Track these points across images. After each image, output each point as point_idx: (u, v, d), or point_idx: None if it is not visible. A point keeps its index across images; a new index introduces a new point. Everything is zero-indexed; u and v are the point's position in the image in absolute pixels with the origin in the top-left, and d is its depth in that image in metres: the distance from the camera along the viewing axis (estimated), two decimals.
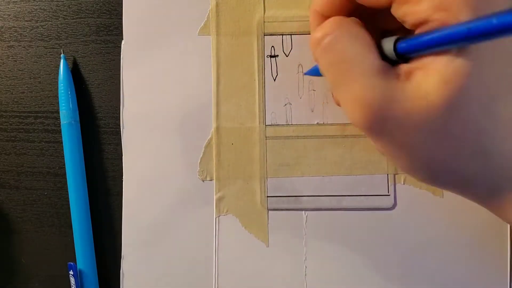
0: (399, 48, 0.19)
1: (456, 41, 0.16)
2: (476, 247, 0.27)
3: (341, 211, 0.28)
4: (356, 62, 0.19)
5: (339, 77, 0.20)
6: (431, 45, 0.18)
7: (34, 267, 0.30)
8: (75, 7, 0.29)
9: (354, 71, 0.19)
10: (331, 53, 0.20)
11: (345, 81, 0.20)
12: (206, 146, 0.28)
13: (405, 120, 0.19)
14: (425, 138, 0.19)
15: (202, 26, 0.28)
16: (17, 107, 0.30)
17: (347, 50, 0.19)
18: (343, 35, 0.20)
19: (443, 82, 0.18)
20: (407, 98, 0.18)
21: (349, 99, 0.20)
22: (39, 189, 0.30)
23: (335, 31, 0.20)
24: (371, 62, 0.19)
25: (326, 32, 0.20)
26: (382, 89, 0.19)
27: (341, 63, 0.20)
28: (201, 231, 0.28)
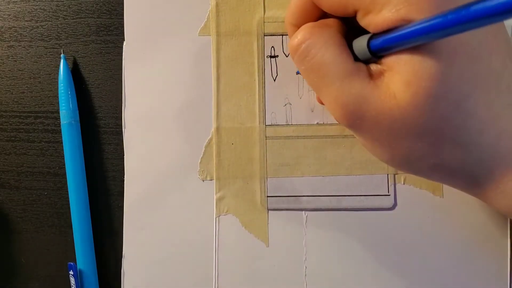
0: (372, 46, 0.19)
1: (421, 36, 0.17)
2: (476, 247, 0.27)
3: (341, 211, 0.28)
4: (329, 66, 0.20)
5: (316, 81, 0.21)
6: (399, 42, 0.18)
7: (34, 267, 0.30)
8: (75, 7, 0.29)
9: (329, 75, 0.20)
10: (307, 59, 0.21)
11: (322, 85, 0.21)
12: (206, 146, 0.28)
13: (378, 118, 0.19)
14: (400, 134, 0.19)
15: (202, 26, 0.28)
16: (17, 107, 0.30)
17: (320, 56, 0.20)
18: (316, 42, 0.20)
19: (405, 84, 0.18)
20: (379, 98, 0.19)
21: (327, 99, 0.21)
22: (39, 189, 0.30)
23: (308, 38, 0.21)
24: (344, 64, 0.20)
25: (300, 40, 0.21)
26: (355, 90, 0.20)
27: (316, 69, 0.20)
28: (201, 230, 0.28)
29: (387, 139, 0.20)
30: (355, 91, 0.20)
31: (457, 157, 0.20)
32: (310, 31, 0.21)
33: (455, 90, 0.18)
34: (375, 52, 0.19)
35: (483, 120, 0.19)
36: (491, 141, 0.19)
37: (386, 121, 0.19)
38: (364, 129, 0.20)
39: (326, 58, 0.20)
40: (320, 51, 0.20)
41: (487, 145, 0.19)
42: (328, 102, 0.21)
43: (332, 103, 0.20)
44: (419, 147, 0.20)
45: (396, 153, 0.21)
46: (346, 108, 0.20)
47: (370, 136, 0.21)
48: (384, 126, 0.19)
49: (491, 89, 0.19)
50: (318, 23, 0.21)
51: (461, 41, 0.18)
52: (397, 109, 0.19)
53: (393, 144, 0.20)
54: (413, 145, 0.20)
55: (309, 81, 0.22)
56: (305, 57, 0.21)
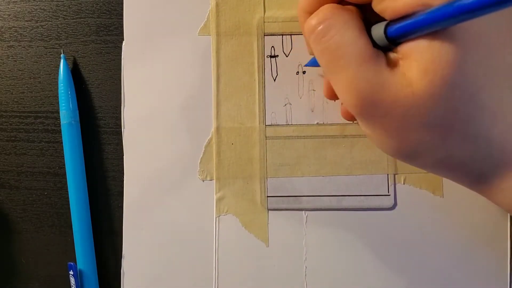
0: (389, 32, 0.19)
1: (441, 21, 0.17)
2: (476, 247, 0.27)
3: (341, 211, 0.28)
4: (348, 49, 0.20)
5: (332, 63, 0.20)
6: (417, 28, 0.18)
7: (34, 267, 0.30)
8: (75, 7, 0.29)
9: (346, 58, 0.20)
10: (325, 40, 0.20)
11: (337, 67, 0.20)
12: (206, 146, 0.28)
13: (393, 106, 0.19)
14: (412, 124, 0.19)
15: (202, 26, 0.28)
16: (17, 107, 0.30)
17: (339, 37, 0.20)
18: (336, 22, 0.20)
19: (423, 72, 0.18)
20: (395, 85, 0.19)
21: (342, 84, 0.20)
22: (39, 189, 0.30)
23: (328, 18, 0.20)
24: (362, 49, 0.20)
25: (320, 19, 0.20)
26: (372, 75, 0.19)
27: (334, 50, 0.20)
28: (201, 230, 0.28)
29: (397, 129, 0.20)
30: (371, 77, 0.19)
31: (465, 150, 0.20)
32: (331, 11, 0.20)
33: (471, 80, 0.18)
34: (392, 39, 0.19)
35: (493, 114, 0.19)
36: (500, 136, 0.19)
37: (399, 110, 0.19)
38: (375, 118, 0.20)
39: (346, 40, 0.20)
40: (340, 31, 0.20)
41: (496, 139, 0.19)
42: (342, 86, 0.20)
43: (346, 87, 0.20)
44: (429, 139, 0.20)
45: (405, 144, 0.20)
46: (360, 93, 0.19)
47: (380, 126, 0.20)
48: (396, 115, 0.19)
49: (504, 83, 0.19)
50: (338, 6, 0.21)
51: (478, 32, 0.18)
52: (412, 98, 0.18)
53: (403, 134, 0.20)
54: (423, 137, 0.19)
55: (323, 63, 0.21)
56: (323, 37, 0.20)
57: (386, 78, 0.19)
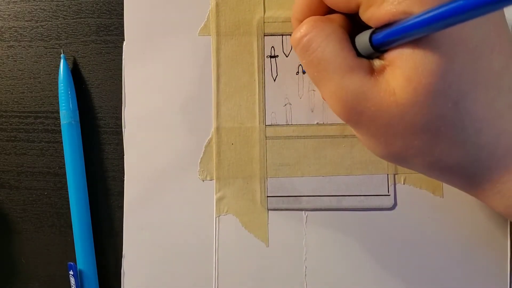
0: (374, 40, 0.20)
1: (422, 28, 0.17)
2: (476, 247, 0.27)
3: (341, 211, 0.28)
4: (330, 60, 0.20)
5: (317, 75, 0.21)
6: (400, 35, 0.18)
7: (34, 267, 0.30)
8: (75, 7, 0.29)
9: (329, 70, 0.20)
10: (308, 53, 0.21)
11: (323, 79, 0.21)
12: (206, 146, 0.28)
13: (377, 114, 0.19)
14: (397, 131, 0.20)
15: (202, 26, 0.28)
16: (17, 107, 0.30)
17: (321, 49, 0.20)
18: (317, 35, 0.21)
19: (406, 80, 0.18)
20: (378, 94, 0.19)
21: (328, 94, 0.21)
22: (39, 189, 0.30)
23: (310, 32, 0.21)
24: (344, 60, 0.20)
25: (302, 33, 0.21)
26: (355, 85, 0.20)
27: (317, 62, 0.21)
28: (201, 230, 0.28)
29: (383, 136, 0.20)
30: (354, 86, 0.20)
31: (453, 155, 0.20)
32: (312, 25, 0.21)
33: (454, 87, 0.18)
34: (377, 46, 0.19)
35: (481, 120, 0.19)
36: (489, 141, 0.19)
37: (384, 118, 0.19)
38: (362, 125, 0.21)
39: (327, 53, 0.20)
40: (321, 45, 0.20)
41: (485, 144, 0.19)
42: (328, 97, 0.21)
43: (332, 97, 0.21)
44: (415, 145, 0.20)
45: (392, 149, 0.21)
46: (345, 103, 0.20)
47: (367, 132, 0.21)
48: (381, 122, 0.20)
49: (491, 88, 0.19)
50: (321, 18, 0.21)
51: (462, 38, 0.18)
52: (396, 106, 0.19)
53: (390, 140, 0.20)
54: (410, 143, 0.20)
55: (310, 75, 0.22)
56: (307, 51, 0.21)
57: (370, 87, 0.19)
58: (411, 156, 0.21)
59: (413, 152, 0.20)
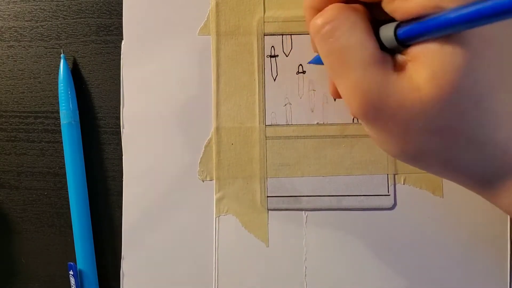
0: (399, 34, 0.19)
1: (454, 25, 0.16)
2: (476, 247, 0.27)
3: (341, 211, 0.28)
4: (354, 50, 0.19)
5: (338, 65, 0.20)
6: (429, 30, 0.17)
7: (34, 267, 0.30)
8: (75, 7, 0.29)
9: (352, 60, 0.19)
10: (331, 41, 0.20)
11: (343, 69, 0.20)
12: (206, 146, 0.28)
13: (399, 110, 0.19)
14: (417, 128, 0.19)
15: (202, 26, 0.28)
16: (17, 107, 0.30)
17: (346, 38, 0.19)
18: (342, 23, 0.20)
19: (431, 76, 0.18)
20: (401, 90, 0.19)
21: (346, 86, 0.20)
22: (39, 189, 0.30)
23: (335, 19, 0.20)
24: (369, 51, 0.19)
25: (326, 19, 0.20)
26: (378, 79, 0.19)
27: (340, 51, 0.20)
28: (201, 231, 0.28)
29: (402, 133, 0.20)
30: (377, 80, 0.19)
31: (470, 153, 0.19)
32: (338, 11, 0.20)
33: (479, 85, 0.18)
34: (402, 40, 0.19)
35: (499, 117, 0.19)
36: (504, 139, 0.19)
37: (405, 114, 0.19)
38: (379, 121, 0.20)
39: (352, 42, 0.19)
40: (346, 33, 0.19)
41: (501, 143, 0.19)
42: (346, 89, 0.20)
43: (351, 90, 0.20)
44: (433, 142, 0.19)
45: (409, 147, 0.20)
46: (365, 97, 0.19)
47: (384, 128, 0.20)
48: (402, 119, 0.19)
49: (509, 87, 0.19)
50: (345, 5, 0.20)
51: (490, 36, 0.18)
52: (419, 102, 0.18)
53: (408, 137, 0.20)
54: (428, 140, 0.19)
55: (328, 64, 0.21)
56: (329, 38, 0.20)
57: (393, 82, 0.19)
58: (427, 155, 0.20)
59: (430, 150, 0.20)
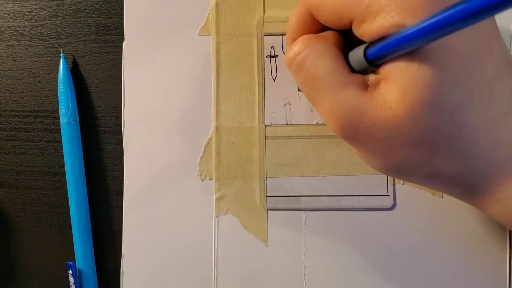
0: (368, 54, 0.20)
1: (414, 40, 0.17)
2: (475, 247, 0.27)
3: (340, 211, 0.28)
4: (324, 78, 0.20)
5: (312, 92, 0.21)
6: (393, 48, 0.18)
7: (33, 266, 0.30)
8: (75, 7, 0.29)
9: (324, 87, 0.20)
10: (302, 71, 0.21)
11: (317, 96, 0.21)
12: (206, 146, 0.28)
13: (373, 129, 0.19)
14: (395, 144, 0.20)
15: (202, 26, 0.28)
16: (17, 106, 0.30)
17: (315, 67, 0.21)
18: (310, 53, 0.21)
19: (402, 93, 0.18)
20: (375, 109, 0.19)
21: (323, 111, 0.21)
22: (39, 189, 0.30)
23: (303, 50, 0.21)
24: (338, 76, 0.20)
25: (295, 51, 0.21)
26: (349, 102, 0.20)
27: (312, 80, 0.21)
28: (201, 230, 0.28)
29: (381, 150, 0.20)
30: (349, 102, 0.20)
31: (452, 166, 0.20)
32: (305, 43, 0.21)
33: (450, 99, 0.18)
34: (371, 60, 0.20)
35: (477, 130, 0.19)
36: (486, 150, 0.19)
37: (380, 132, 0.19)
38: (359, 140, 0.21)
39: (320, 70, 0.20)
40: (315, 63, 0.20)
41: (483, 154, 0.19)
42: (323, 114, 0.21)
43: (327, 114, 0.21)
44: (414, 157, 0.20)
45: (391, 163, 0.21)
46: (340, 119, 0.20)
47: (364, 147, 0.21)
48: (378, 136, 0.20)
49: (484, 98, 0.19)
50: (314, 36, 0.22)
51: (454, 49, 0.18)
52: (392, 119, 0.19)
53: (388, 154, 0.20)
54: (408, 155, 0.20)
55: (305, 93, 0.22)
56: (301, 69, 0.21)
57: (366, 102, 0.19)
58: (410, 169, 0.21)
59: (412, 165, 0.20)
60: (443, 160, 0.20)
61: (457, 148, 0.19)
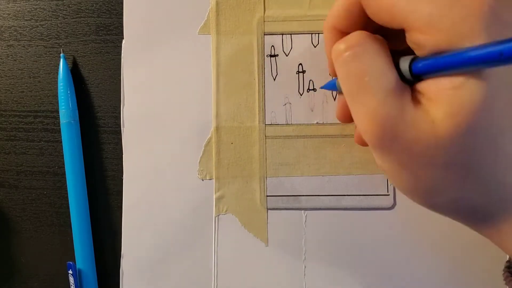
0: (414, 68, 0.19)
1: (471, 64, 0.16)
2: (475, 247, 0.27)
3: (340, 211, 0.28)
4: (375, 77, 0.19)
5: (356, 89, 0.20)
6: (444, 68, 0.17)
7: (33, 266, 0.30)
8: (75, 7, 0.29)
9: (372, 86, 0.19)
10: (352, 65, 0.20)
11: (361, 95, 0.20)
12: (206, 145, 0.28)
13: (412, 143, 0.19)
14: (430, 162, 0.19)
15: (202, 25, 0.28)
16: (17, 106, 0.30)
17: (369, 65, 0.20)
18: (366, 50, 0.20)
19: (448, 114, 0.18)
20: (418, 123, 0.18)
21: (362, 112, 0.20)
22: (39, 189, 0.30)
23: (359, 45, 0.20)
24: (389, 80, 0.19)
25: (350, 44, 0.20)
26: (396, 109, 0.19)
27: (360, 76, 0.20)
28: (201, 230, 0.28)
29: (414, 166, 0.19)
30: (395, 110, 0.19)
31: (479, 193, 0.19)
32: (363, 38, 0.20)
33: (495, 125, 0.18)
34: (416, 74, 0.19)
35: (510, 158, 0.19)
36: None
37: (419, 147, 0.19)
38: (393, 152, 0.20)
39: (374, 69, 0.19)
40: (370, 60, 0.20)
41: (509, 184, 0.19)
42: (362, 115, 0.20)
43: (368, 117, 0.19)
44: (445, 178, 0.19)
45: (420, 182, 0.20)
46: (382, 125, 0.19)
47: (397, 161, 0.20)
48: (415, 151, 0.19)
49: None
50: (370, 34, 0.21)
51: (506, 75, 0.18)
52: (434, 137, 0.18)
53: (419, 172, 0.19)
54: (440, 176, 0.19)
55: (346, 87, 0.21)
56: (352, 61, 0.20)
57: (410, 114, 0.19)
58: (438, 190, 0.20)
59: (441, 186, 0.20)
60: (472, 185, 0.19)
61: (488, 175, 0.19)
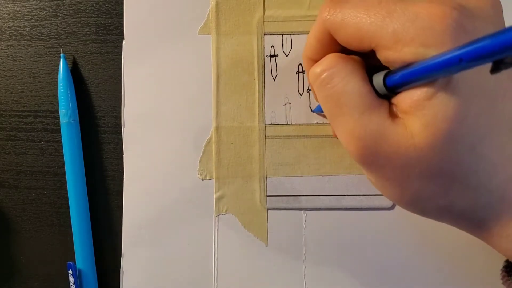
0: (388, 82, 0.19)
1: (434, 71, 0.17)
2: (475, 247, 0.27)
3: (340, 211, 0.28)
4: (351, 97, 0.20)
5: (334, 110, 0.21)
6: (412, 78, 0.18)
7: (33, 266, 0.30)
8: (75, 7, 0.29)
9: (349, 106, 0.20)
10: (328, 87, 0.21)
11: (339, 115, 0.21)
12: (206, 145, 0.28)
13: (394, 157, 0.19)
14: (413, 174, 0.19)
15: (202, 25, 0.28)
16: (17, 106, 0.30)
17: (343, 84, 0.20)
18: (340, 70, 0.21)
19: (425, 125, 0.18)
20: (396, 136, 0.19)
21: (343, 131, 0.21)
22: (39, 189, 0.30)
23: (333, 67, 0.21)
24: (365, 98, 0.20)
25: (325, 67, 0.21)
26: (374, 125, 0.19)
27: (337, 97, 0.20)
28: (201, 230, 0.28)
29: (398, 178, 0.20)
30: (373, 126, 0.19)
31: (465, 199, 0.20)
32: (336, 60, 0.21)
33: (472, 132, 0.18)
34: (391, 88, 0.19)
35: (494, 164, 0.19)
36: (502, 185, 0.19)
37: (400, 160, 0.19)
38: (376, 166, 0.20)
39: (349, 88, 0.20)
40: (344, 80, 0.20)
41: (498, 189, 0.19)
42: (343, 133, 0.21)
43: (348, 135, 0.20)
44: (430, 188, 0.20)
45: (406, 192, 0.20)
46: (361, 142, 0.20)
47: (381, 174, 0.21)
48: (397, 164, 0.19)
49: (504, 133, 0.19)
50: (343, 55, 0.21)
51: (479, 83, 0.18)
52: (413, 149, 0.19)
53: (404, 183, 0.20)
54: (424, 186, 0.20)
55: (326, 109, 0.21)
56: (327, 84, 0.21)
57: (388, 128, 0.19)
58: (424, 199, 0.20)
59: (427, 196, 0.20)
60: (458, 193, 0.20)
61: (473, 181, 0.19)
